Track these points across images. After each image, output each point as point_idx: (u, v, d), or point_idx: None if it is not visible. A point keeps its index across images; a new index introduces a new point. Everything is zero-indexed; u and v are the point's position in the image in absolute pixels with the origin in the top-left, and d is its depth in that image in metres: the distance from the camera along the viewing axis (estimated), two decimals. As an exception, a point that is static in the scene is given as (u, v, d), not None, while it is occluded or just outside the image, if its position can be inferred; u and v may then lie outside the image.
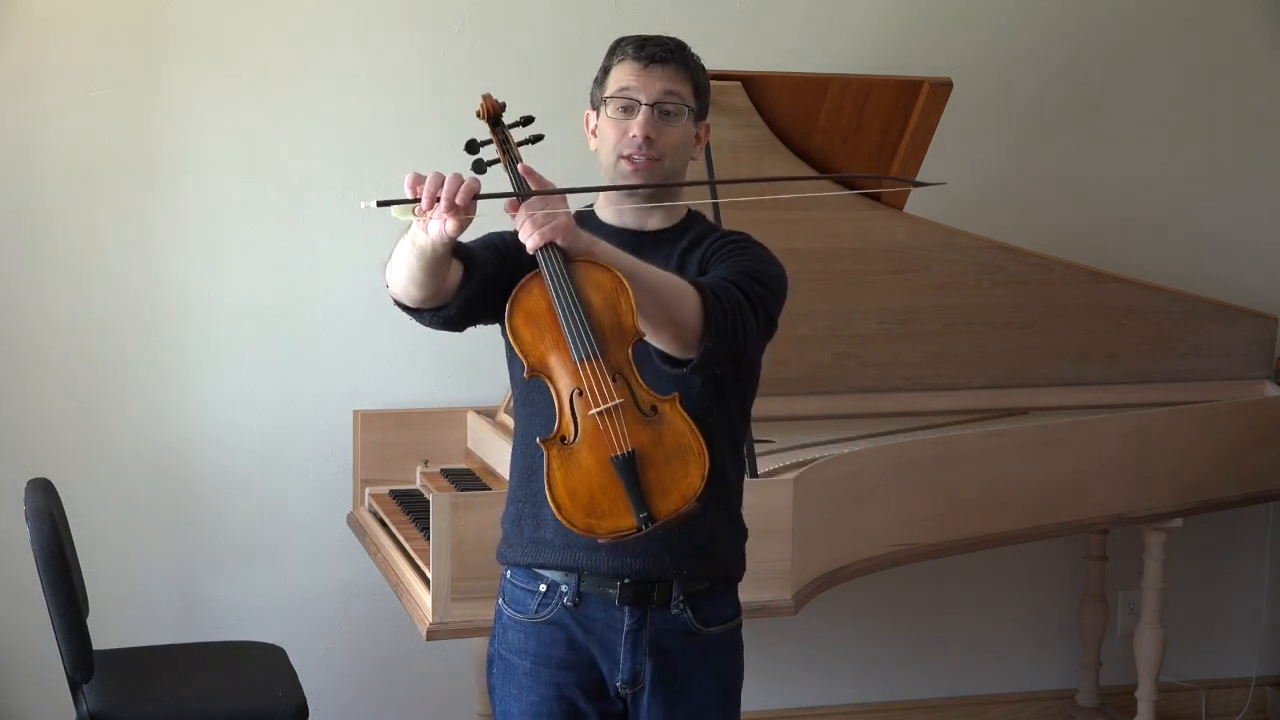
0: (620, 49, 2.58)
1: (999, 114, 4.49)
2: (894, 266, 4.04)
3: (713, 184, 3.09)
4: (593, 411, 2.32)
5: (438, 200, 2.26)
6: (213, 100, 4.02)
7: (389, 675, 4.24)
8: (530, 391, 2.55)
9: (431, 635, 3.22)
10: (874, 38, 4.36)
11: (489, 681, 2.68)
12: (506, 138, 2.50)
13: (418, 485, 4.02)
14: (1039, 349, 4.21)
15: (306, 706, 3.46)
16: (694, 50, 2.61)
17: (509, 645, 2.62)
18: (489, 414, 4.00)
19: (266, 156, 4.06)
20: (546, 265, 2.33)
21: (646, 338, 2.38)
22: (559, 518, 2.34)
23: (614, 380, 2.32)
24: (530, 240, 2.32)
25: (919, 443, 3.75)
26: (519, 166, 2.41)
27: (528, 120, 2.53)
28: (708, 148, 3.64)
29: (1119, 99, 4.60)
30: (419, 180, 2.28)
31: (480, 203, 2.29)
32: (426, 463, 4.04)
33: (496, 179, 2.39)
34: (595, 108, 2.61)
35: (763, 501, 2.73)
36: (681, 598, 2.56)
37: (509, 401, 3.91)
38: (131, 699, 3.43)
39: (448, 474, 3.95)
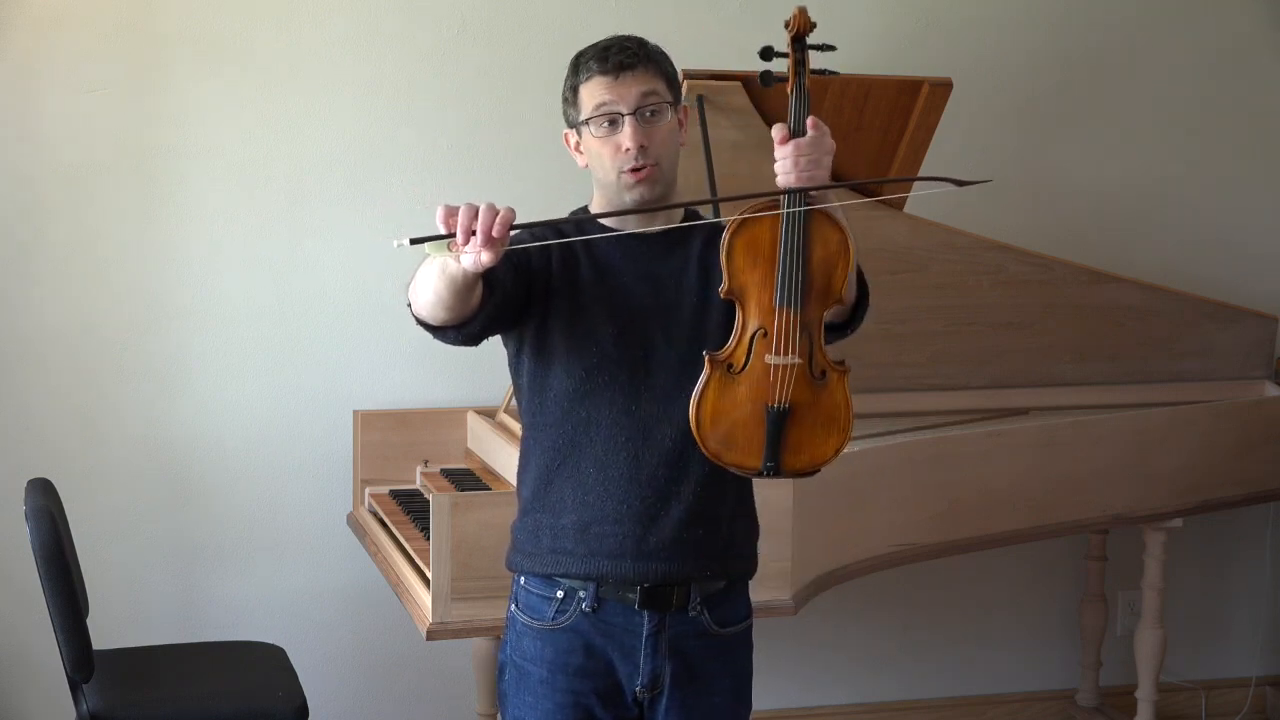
0: (584, 66, 2.52)
1: (999, 114, 4.49)
2: (894, 266, 4.04)
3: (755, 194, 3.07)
4: (769, 359, 2.36)
5: (472, 233, 2.22)
6: (212, 100, 4.02)
7: (389, 675, 4.24)
8: (545, 398, 2.55)
9: (431, 635, 3.22)
10: (874, 38, 4.36)
11: (500, 689, 2.67)
12: (804, 59, 2.46)
13: (418, 485, 4.02)
14: (1039, 349, 4.21)
15: (306, 706, 3.46)
16: (656, 43, 2.57)
17: (523, 652, 2.60)
18: (489, 414, 4.00)
19: (266, 156, 4.06)
20: (788, 205, 2.37)
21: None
22: (694, 431, 2.41)
23: (800, 335, 2.37)
24: (788, 178, 2.35)
25: (919, 443, 3.75)
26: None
27: (829, 48, 2.51)
28: (707, 148, 3.65)
29: (1119, 99, 4.60)
30: (451, 213, 2.22)
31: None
32: (426, 463, 4.04)
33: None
34: (573, 127, 2.56)
35: (763, 501, 2.72)
36: (699, 600, 2.57)
37: (509, 401, 3.91)
38: (131, 699, 3.43)
39: (448, 474, 3.95)
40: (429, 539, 3.24)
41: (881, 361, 4.08)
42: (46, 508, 3.34)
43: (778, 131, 2.38)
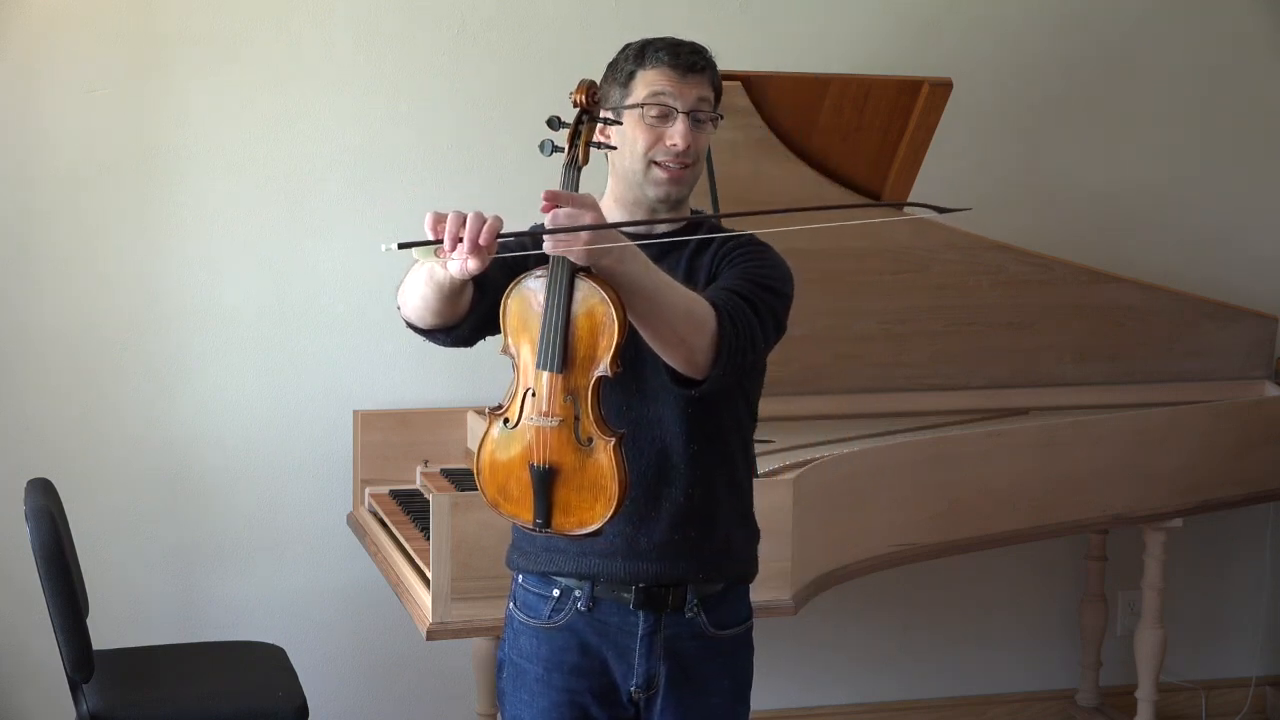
0: (653, 55, 2.54)
1: (999, 114, 4.49)
2: (894, 266, 4.05)
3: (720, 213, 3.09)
4: (529, 420, 2.34)
5: (459, 240, 2.22)
6: (212, 100, 4.02)
7: (389, 675, 4.24)
8: None
9: (431, 635, 3.22)
10: (874, 38, 4.36)
11: (498, 686, 2.68)
12: (580, 132, 2.43)
13: (418, 485, 4.02)
14: (1039, 349, 4.21)
15: (306, 706, 3.46)
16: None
17: (520, 650, 2.62)
18: (489, 414, 4.00)
19: (266, 156, 4.06)
20: (551, 272, 2.32)
21: (660, 355, 2.38)
22: (476, 479, 2.40)
23: (564, 399, 2.33)
24: (546, 246, 2.30)
25: (919, 443, 3.75)
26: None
27: (615, 123, 2.50)
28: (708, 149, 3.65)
29: (1119, 100, 4.60)
30: (439, 220, 2.23)
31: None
32: (426, 463, 4.04)
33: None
34: (612, 109, 2.55)
35: (763, 501, 2.73)
36: (695, 601, 2.57)
37: (509, 401, 3.91)
38: (131, 699, 3.43)
39: (448, 474, 3.95)
40: (429, 539, 3.24)
41: (881, 361, 4.08)
42: (46, 508, 3.34)
43: (544, 197, 2.32)
